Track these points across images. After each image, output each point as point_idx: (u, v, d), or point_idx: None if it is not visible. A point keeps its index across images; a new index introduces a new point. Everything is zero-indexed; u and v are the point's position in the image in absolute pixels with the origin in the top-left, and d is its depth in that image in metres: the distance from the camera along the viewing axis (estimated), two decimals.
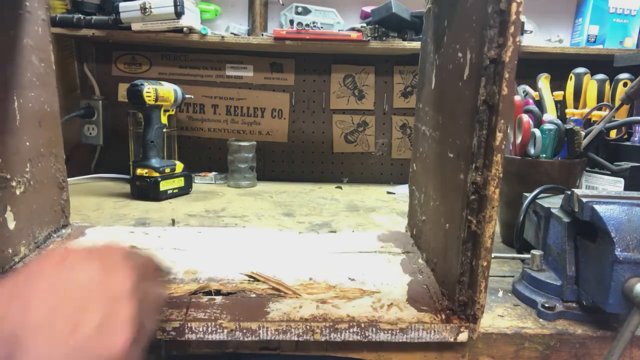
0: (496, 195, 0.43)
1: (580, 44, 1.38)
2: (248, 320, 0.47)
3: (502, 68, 0.41)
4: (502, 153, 0.43)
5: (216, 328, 0.46)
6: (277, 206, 1.09)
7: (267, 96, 1.46)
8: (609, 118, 0.81)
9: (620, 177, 0.82)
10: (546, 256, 0.59)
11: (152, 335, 0.40)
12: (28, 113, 0.61)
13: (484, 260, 0.45)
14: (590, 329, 0.51)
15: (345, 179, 1.49)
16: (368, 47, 1.25)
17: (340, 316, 0.48)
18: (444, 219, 0.55)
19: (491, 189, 0.43)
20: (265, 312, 0.48)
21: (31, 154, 0.62)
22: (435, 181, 0.60)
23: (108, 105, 1.39)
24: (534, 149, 0.76)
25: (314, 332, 0.47)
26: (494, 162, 0.42)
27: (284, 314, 0.48)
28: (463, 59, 0.49)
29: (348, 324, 0.47)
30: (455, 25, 0.54)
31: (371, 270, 0.59)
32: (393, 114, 1.47)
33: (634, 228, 0.47)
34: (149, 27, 1.20)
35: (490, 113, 0.43)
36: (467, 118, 0.47)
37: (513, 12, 0.40)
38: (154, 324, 0.40)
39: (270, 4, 1.42)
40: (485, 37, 0.42)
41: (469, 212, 0.46)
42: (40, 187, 0.64)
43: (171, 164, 1.16)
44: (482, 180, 0.44)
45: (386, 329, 0.47)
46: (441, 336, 0.47)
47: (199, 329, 0.46)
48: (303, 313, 0.48)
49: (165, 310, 0.48)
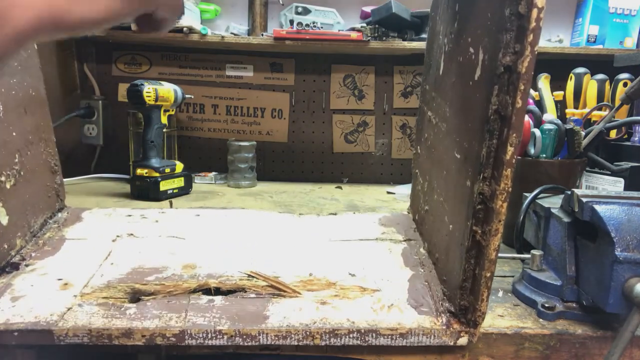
0: (504, 210, 0.42)
1: (580, 44, 1.38)
2: (248, 326, 0.46)
3: (518, 79, 0.38)
4: (513, 167, 0.41)
5: (216, 334, 0.46)
6: (277, 206, 1.09)
7: (267, 96, 1.46)
8: (609, 118, 0.81)
9: (620, 177, 0.82)
10: (546, 256, 0.59)
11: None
12: (12, 101, 0.59)
13: (488, 271, 0.44)
14: (590, 329, 0.51)
15: (345, 179, 1.49)
16: (368, 47, 1.25)
17: (339, 321, 0.47)
18: (447, 218, 0.54)
19: (499, 203, 0.42)
20: (265, 316, 0.48)
21: (19, 143, 0.60)
22: (440, 176, 0.58)
23: (108, 105, 1.39)
24: (534, 149, 0.76)
25: (314, 337, 0.46)
26: (504, 177, 0.41)
27: (284, 318, 0.48)
28: (475, 56, 0.46)
29: (348, 330, 0.46)
30: (468, 15, 0.50)
31: (372, 264, 0.59)
32: (393, 114, 1.47)
33: (634, 228, 0.47)
34: None
35: (501, 124, 0.41)
36: (477, 123, 0.45)
37: (533, 19, 0.36)
38: None
39: (270, 4, 1.42)
40: (501, 42, 0.39)
41: (475, 221, 0.45)
42: (31, 175, 0.62)
43: (171, 164, 1.16)
44: (490, 192, 0.43)
45: (386, 334, 0.47)
46: (441, 340, 0.47)
47: (198, 335, 0.46)
48: (302, 317, 0.48)
49: (165, 314, 0.47)
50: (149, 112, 1.12)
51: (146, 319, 0.47)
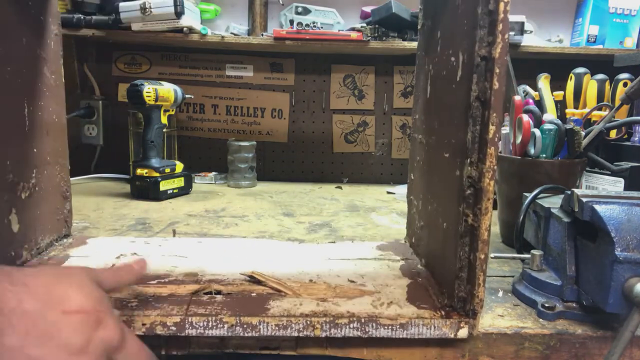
0: (491, 187, 0.44)
1: (580, 44, 1.38)
2: (248, 316, 0.47)
3: (493, 64, 0.43)
4: (496, 146, 0.44)
5: (217, 323, 0.47)
6: (277, 206, 1.09)
7: (267, 96, 1.46)
8: (609, 118, 0.81)
9: (620, 177, 0.82)
10: (546, 256, 0.59)
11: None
12: (37, 121, 0.62)
13: (482, 252, 0.45)
14: (590, 329, 0.51)
15: (345, 179, 1.49)
16: (368, 47, 1.25)
17: (340, 312, 0.48)
18: (441, 219, 0.55)
19: (486, 181, 0.44)
20: (266, 308, 0.49)
21: (38, 160, 0.63)
22: (432, 184, 0.60)
23: (108, 105, 1.39)
24: (534, 149, 0.76)
25: (314, 327, 0.47)
26: (488, 155, 0.44)
27: (285, 310, 0.48)
28: (456, 62, 0.50)
29: (348, 319, 0.47)
30: (447, 33, 0.55)
31: (371, 274, 0.60)
32: (393, 114, 1.47)
33: (634, 228, 0.47)
34: (149, 27, 1.20)
35: (483, 108, 0.45)
36: (461, 116, 0.48)
37: (501, 11, 0.42)
38: None
39: (270, 4, 1.42)
40: (476, 37, 0.44)
41: (466, 206, 0.47)
42: (44, 194, 0.65)
43: (171, 164, 1.16)
44: (477, 173, 0.45)
45: (386, 325, 0.47)
46: (441, 332, 0.48)
47: (199, 324, 0.46)
48: (303, 309, 0.49)
49: (167, 306, 0.48)
50: (149, 112, 1.12)
51: (147, 310, 0.48)
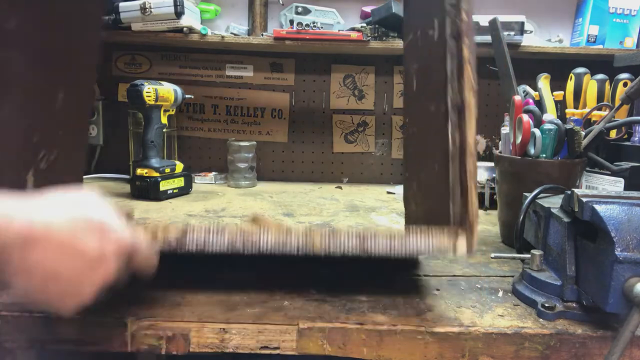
0: (473, 100, 0.47)
1: (580, 44, 1.38)
2: (249, 232, 0.48)
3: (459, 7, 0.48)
4: (472, 65, 0.47)
5: (218, 233, 0.48)
6: (277, 206, 1.09)
7: (267, 96, 1.46)
8: (609, 118, 0.81)
9: (620, 177, 0.82)
10: (546, 256, 0.59)
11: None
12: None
13: (472, 165, 0.47)
14: (590, 328, 0.51)
15: (345, 179, 1.49)
16: (368, 47, 1.25)
17: (339, 228, 0.51)
18: (434, 164, 0.57)
19: (466, 94, 0.47)
20: (266, 231, 0.50)
21: (60, 140, 0.67)
22: (422, 144, 0.64)
23: (108, 105, 1.39)
24: (534, 149, 0.76)
25: (314, 238, 0.48)
26: (466, 71, 0.47)
27: (284, 226, 0.50)
28: (432, 32, 0.55)
29: (347, 233, 0.48)
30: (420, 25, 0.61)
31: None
32: (393, 114, 1.47)
33: (634, 228, 0.47)
34: (149, 27, 1.20)
35: (457, 42, 0.49)
36: (441, 62, 0.51)
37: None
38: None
39: (270, 4, 1.42)
40: (445, 12, 0.50)
41: (452, 126, 0.49)
42: (60, 175, 0.68)
43: (171, 164, 1.16)
44: (459, 92, 0.48)
45: (384, 235, 0.48)
46: (439, 243, 0.48)
47: (200, 237, 0.48)
48: (303, 225, 0.51)
49: (166, 222, 0.50)
50: (149, 112, 1.12)
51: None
